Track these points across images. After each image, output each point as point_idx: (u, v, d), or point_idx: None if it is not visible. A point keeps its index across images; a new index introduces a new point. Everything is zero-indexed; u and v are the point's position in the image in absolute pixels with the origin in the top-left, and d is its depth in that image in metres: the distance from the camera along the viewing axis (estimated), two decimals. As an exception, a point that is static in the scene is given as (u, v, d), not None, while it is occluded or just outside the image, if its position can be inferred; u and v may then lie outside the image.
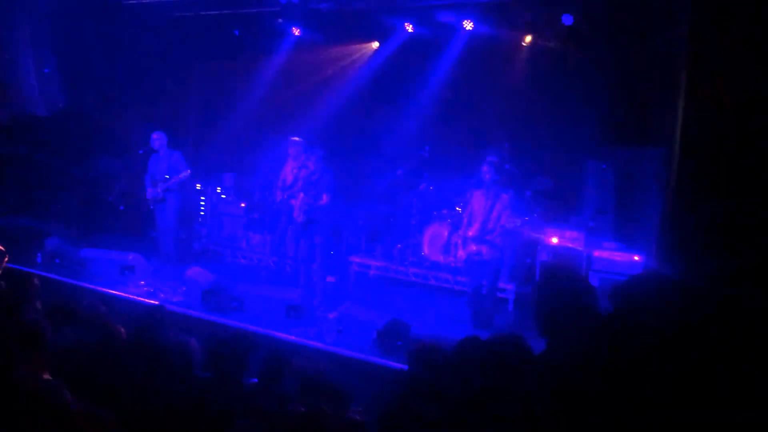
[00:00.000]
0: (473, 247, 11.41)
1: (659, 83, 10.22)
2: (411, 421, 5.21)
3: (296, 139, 13.76)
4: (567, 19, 12.78)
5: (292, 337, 10.68)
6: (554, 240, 12.20)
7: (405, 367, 6.60)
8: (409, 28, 14.90)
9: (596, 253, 12.10)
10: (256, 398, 6.03)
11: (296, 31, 15.99)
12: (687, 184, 6.97)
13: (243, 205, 16.25)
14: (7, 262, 10.62)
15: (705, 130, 6.79)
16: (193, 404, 5.69)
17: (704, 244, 6.63)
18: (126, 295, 12.38)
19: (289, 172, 13.75)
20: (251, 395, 6.09)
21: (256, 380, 6.50)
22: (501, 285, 12.31)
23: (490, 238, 11.27)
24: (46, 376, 6.02)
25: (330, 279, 13.67)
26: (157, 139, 14.30)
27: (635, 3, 11.42)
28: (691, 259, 6.71)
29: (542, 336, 4.21)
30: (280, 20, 15.76)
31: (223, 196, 16.68)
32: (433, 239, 13.82)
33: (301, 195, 12.70)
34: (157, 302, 9.73)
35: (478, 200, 11.48)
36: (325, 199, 12.52)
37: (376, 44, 16.16)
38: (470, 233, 11.44)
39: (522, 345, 4.56)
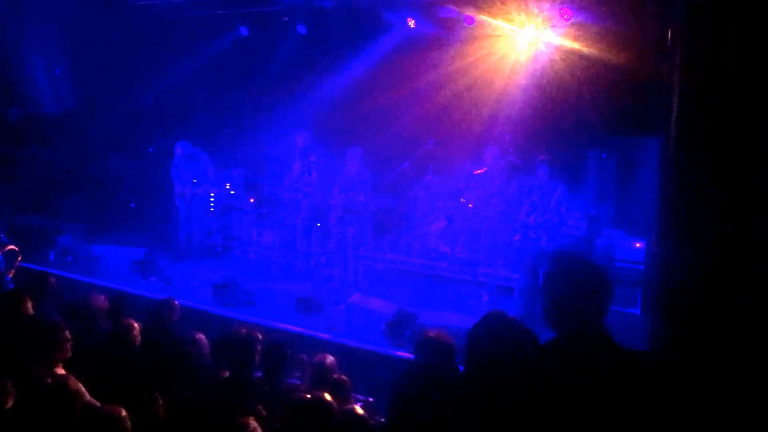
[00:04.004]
0: (531, 234, 11.74)
1: (659, 71, 10.30)
2: (419, 409, 5.33)
3: (303, 133, 13.92)
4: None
5: (302, 330, 10.83)
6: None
7: (412, 356, 6.72)
8: (411, 23, 15.01)
9: (598, 240, 12.29)
10: (262, 390, 6.18)
11: (301, 30, 16.09)
12: (683, 170, 7.09)
13: (252, 200, 16.38)
14: (20, 260, 10.81)
15: (701, 116, 6.91)
16: (202, 398, 5.84)
17: (700, 232, 6.74)
18: (138, 291, 12.54)
19: (297, 167, 13.91)
20: (258, 387, 6.24)
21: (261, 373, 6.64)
22: (506, 274, 12.50)
23: (552, 226, 11.59)
24: (61, 372, 6.18)
25: (338, 272, 13.84)
26: (181, 147, 14.53)
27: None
28: (686, 246, 6.83)
29: (550, 325, 4.29)
30: (285, 18, 15.88)
31: (232, 192, 16.81)
32: (439, 231, 13.95)
33: (338, 191, 13.01)
34: (166, 297, 9.86)
35: (535, 192, 11.83)
36: (362, 197, 12.78)
37: (378, 40, 16.29)
38: (531, 220, 11.77)
39: (527, 332, 4.64)
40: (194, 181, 14.42)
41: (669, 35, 8.49)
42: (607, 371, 3.87)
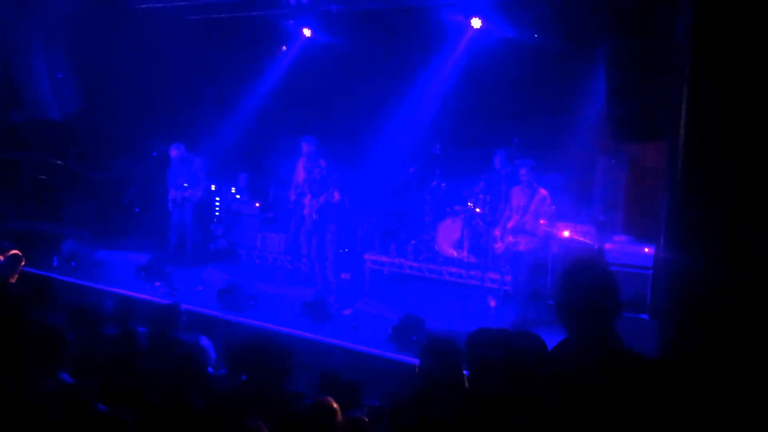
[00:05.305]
0: (510, 239, 11.64)
1: (668, 77, 10.25)
2: (424, 414, 5.27)
3: (308, 137, 13.86)
4: None
5: (308, 335, 10.77)
6: (566, 234, 12.30)
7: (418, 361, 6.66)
8: (417, 27, 14.97)
9: (607, 246, 12.23)
10: (266, 395, 6.12)
11: (307, 32, 16.03)
12: (693, 174, 7.03)
13: (257, 204, 16.34)
14: (24, 265, 10.75)
15: (710, 123, 6.85)
16: (207, 403, 5.78)
17: (709, 237, 6.68)
18: (142, 296, 12.49)
19: (301, 171, 13.85)
20: (263, 393, 6.17)
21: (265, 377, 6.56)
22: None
23: (529, 229, 11.47)
24: (66, 378, 6.12)
25: (345, 276, 13.77)
26: (176, 149, 14.43)
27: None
28: (695, 251, 6.77)
29: (563, 326, 4.25)
30: (290, 21, 15.83)
31: (238, 197, 16.77)
32: (446, 235, 13.90)
33: (310, 195, 12.87)
34: (171, 302, 9.78)
35: (516, 196, 11.73)
36: (337, 196, 12.64)
37: (383, 43, 16.24)
38: (509, 225, 11.66)
39: (538, 342, 4.60)
40: (185, 185, 14.33)
41: (679, 37, 8.44)
42: (616, 374, 3.82)
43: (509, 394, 4.07)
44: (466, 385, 5.47)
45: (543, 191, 11.53)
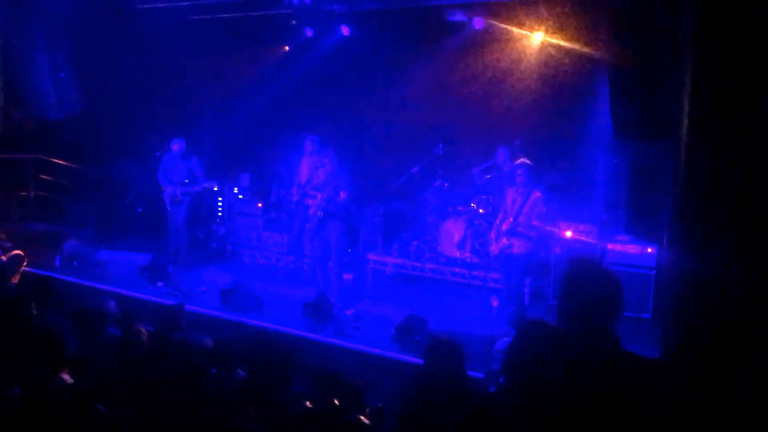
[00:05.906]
0: (504, 241, 11.58)
1: (670, 78, 10.24)
2: (428, 414, 5.26)
3: (312, 137, 13.84)
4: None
5: (311, 335, 10.76)
6: (568, 234, 12.28)
7: (422, 362, 6.64)
8: (419, 28, 14.95)
9: (609, 246, 12.21)
10: (269, 396, 6.10)
11: (309, 33, 16.02)
12: (694, 176, 7.02)
13: (260, 204, 16.30)
14: (26, 265, 10.73)
15: (711, 123, 6.84)
16: (209, 403, 5.76)
17: (711, 237, 6.67)
18: (145, 296, 12.47)
19: (305, 171, 13.82)
20: (264, 393, 6.16)
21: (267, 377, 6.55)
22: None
23: (522, 231, 11.39)
24: (68, 378, 6.10)
25: (347, 276, 13.74)
26: (177, 144, 14.39)
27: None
28: (698, 251, 6.75)
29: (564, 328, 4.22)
30: (293, 22, 15.82)
31: (240, 197, 16.73)
32: (448, 235, 13.88)
33: (318, 194, 12.81)
34: (175, 302, 9.74)
35: (511, 197, 11.65)
36: (342, 195, 12.60)
37: (388, 44, 16.23)
38: (504, 227, 11.59)
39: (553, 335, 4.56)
40: (186, 181, 14.31)
41: (680, 38, 8.43)
42: (617, 377, 3.80)
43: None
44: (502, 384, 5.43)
45: (537, 193, 11.47)
